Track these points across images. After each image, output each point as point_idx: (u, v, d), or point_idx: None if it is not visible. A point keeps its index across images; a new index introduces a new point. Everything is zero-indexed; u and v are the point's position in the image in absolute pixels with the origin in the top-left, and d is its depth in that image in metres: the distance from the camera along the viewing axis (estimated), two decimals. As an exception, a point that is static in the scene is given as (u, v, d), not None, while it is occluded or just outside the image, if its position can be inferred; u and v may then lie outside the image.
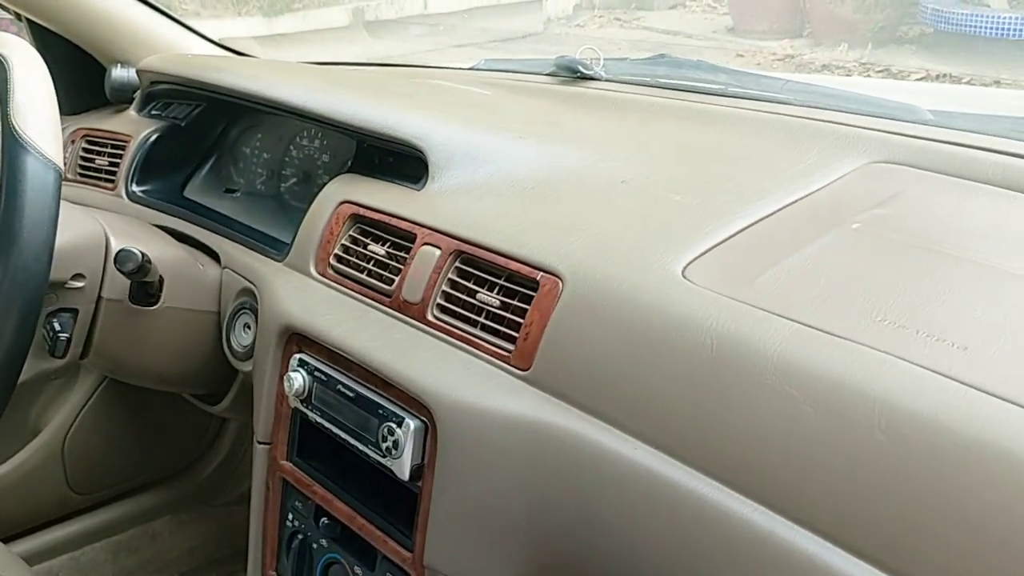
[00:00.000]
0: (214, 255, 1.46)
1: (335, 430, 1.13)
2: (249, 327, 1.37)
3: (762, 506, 0.79)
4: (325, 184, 1.36)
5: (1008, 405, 0.69)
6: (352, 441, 1.11)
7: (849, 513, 0.73)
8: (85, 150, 1.73)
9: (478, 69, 1.81)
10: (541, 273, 1.01)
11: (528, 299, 1.02)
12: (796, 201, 1.05)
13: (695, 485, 0.83)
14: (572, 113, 1.43)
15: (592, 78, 1.57)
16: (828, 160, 1.13)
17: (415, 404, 1.04)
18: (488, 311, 1.06)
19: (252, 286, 1.35)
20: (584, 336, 0.95)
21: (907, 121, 1.18)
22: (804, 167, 1.13)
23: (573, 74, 1.58)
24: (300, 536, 1.22)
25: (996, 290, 0.84)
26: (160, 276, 1.36)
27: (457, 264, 1.11)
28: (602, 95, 1.49)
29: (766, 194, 1.07)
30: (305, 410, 1.18)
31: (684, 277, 0.93)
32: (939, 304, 0.83)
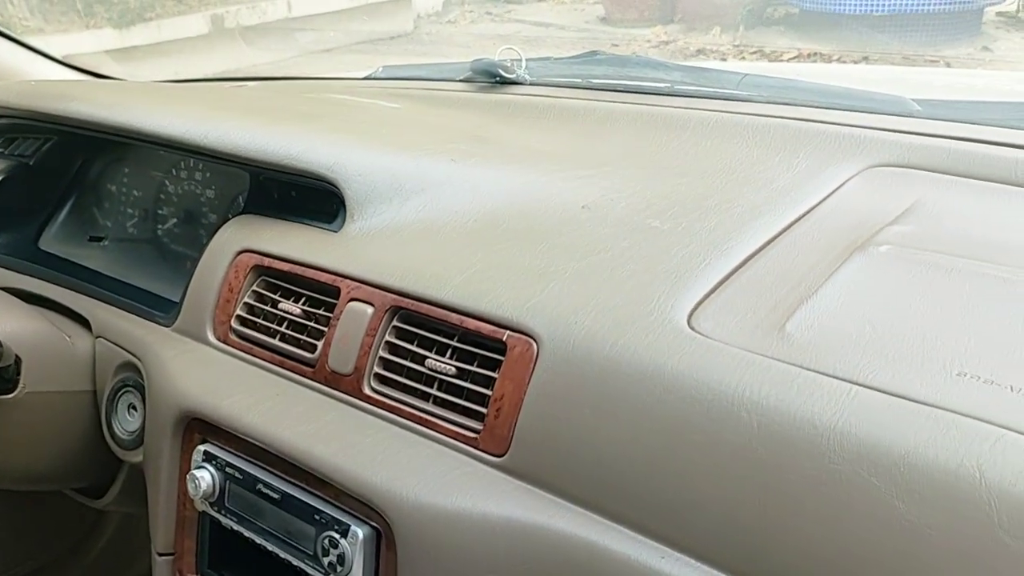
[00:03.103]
0: (83, 321, 1.20)
1: (259, 540, 0.91)
2: (135, 408, 1.13)
3: (846, 630, 0.61)
4: (212, 224, 1.13)
5: None
6: (283, 554, 0.89)
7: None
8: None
9: (376, 78, 1.59)
10: (508, 333, 0.82)
11: (494, 365, 0.82)
12: (800, 219, 0.89)
13: (750, 603, 0.65)
14: (503, 125, 1.23)
15: (515, 82, 1.37)
16: (820, 166, 0.98)
17: (362, 507, 0.83)
18: (442, 381, 0.86)
19: (135, 359, 1.10)
20: (573, 411, 0.76)
21: (896, 115, 1.04)
22: (794, 176, 0.97)
23: (492, 79, 1.38)
24: (222, 671, 0.99)
25: (1081, 322, 0.70)
26: (16, 356, 1.10)
27: (396, 323, 0.90)
28: (532, 102, 1.30)
29: (760, 212, 0.90)
30: (216, 515, 0.95)
31: (692, 328, 0.75)
32: (1022, 348, 0.67)
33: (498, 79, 1.38)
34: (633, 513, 0.71)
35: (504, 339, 0.82)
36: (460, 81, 1.42)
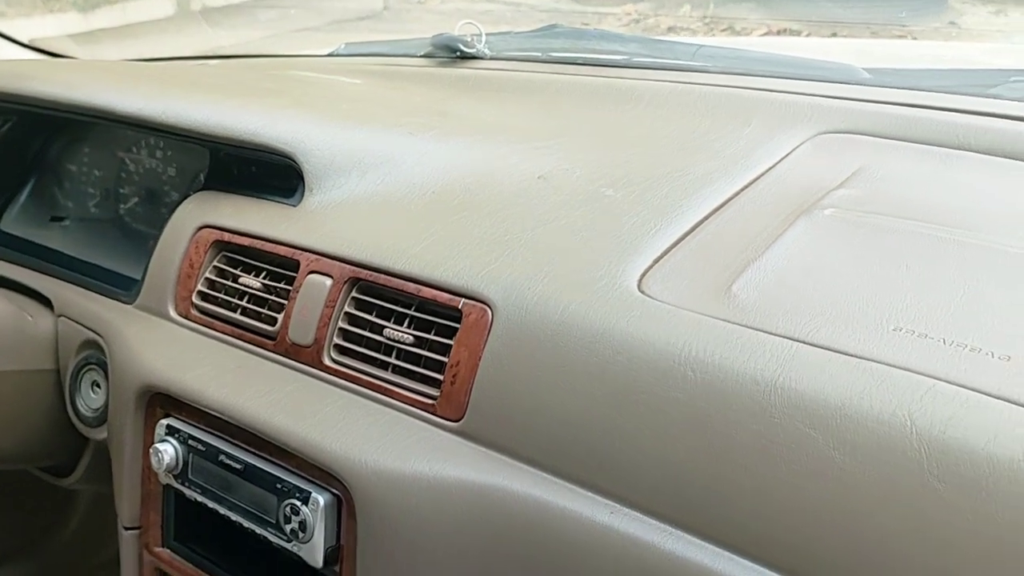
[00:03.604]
0: (45, 301, 1.20)
1: (223, 511, 0.92)
2: (99, 386, 1.13)
3: (786, 576, 0.63)
4: (174, 202, 1.13)
5: (1088, 431, 0.56)
6: (246, 523, 0.90)
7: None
8: None
9: (339, 55, 1.59)
10: (464, 300, 0.83)
11: (450, 332, 0.84)
12: (749, 185, 0.90)
13: (695, 555, 0.67)
14: (462, 99, 1.24)
15: (475, 57, 1.38)
16: (770, 134, 0.99)
17: (322, 474, 0.85)
18: (400, 349, 0.87)
19: (97, 337, 1.10)
20: (527, 375, 0.77)
21: (845, 83, 1.06)
22: (745, 144, 0.98)
23: (453, 54, 1.39)
24: (189, 640, 1.01)
25: (1013, 278, 0.72)
26: (-23, 335, 1.10)
27: (355, 294, 0.91)
28: (491, 76, 1.30)
29: (711, 180, 0.92)
30: (181, 487, 0.96)
31: (641, 292, 0.77)
32: (957, 302, 0.69)
33: (458, 54, 1.38)
34: (584, 472, 0.73)
35: (460, 307, 0.83)
36: (421, 57, 1.42)
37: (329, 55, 1.60)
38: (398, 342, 0.87)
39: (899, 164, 0.92)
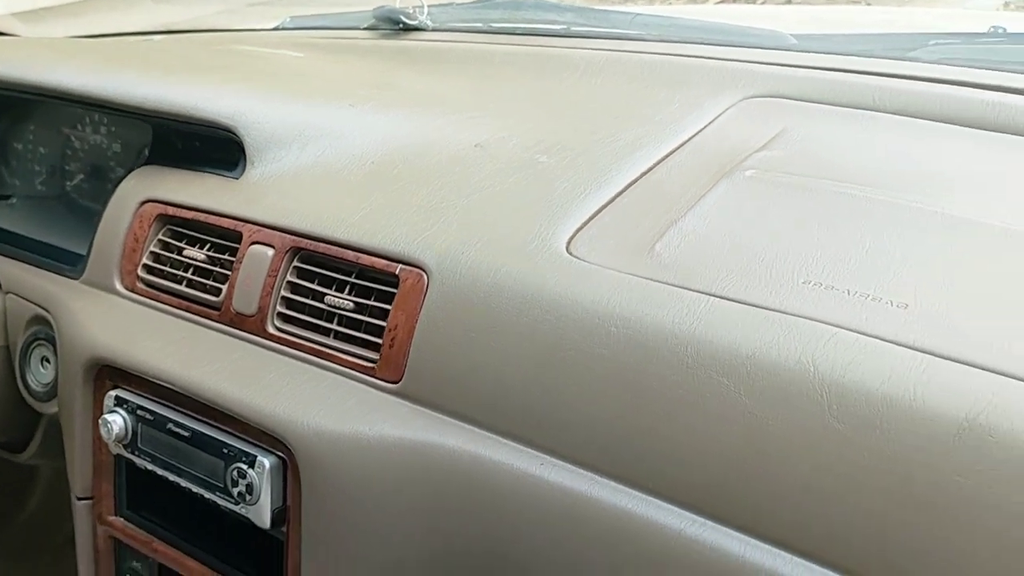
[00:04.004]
0: (-8, 278, 1.21)
1: (172, 477, 0.94)
2: (48, 361, 1.14)
3: (703, 517, 0.67)
4: (119, 178, 1.14)
5: (974, 371, 0.60)
6: (195, 489, 0.92)
7: (811, 519, 0.63)
8: None
9: (284, 28, 1.59)
10: (400, 266, 0.86)
11: (388, 298, 0.86)
12: (676, 149, 0.93)
13: (618, 500, 0.71)
14: (403, 71, 1.26)
15: (417, 28, 1.39)
16: (699, 99, 1.02)
17: (267, 438, 0.87)
18: (341, 316, 0.90)
19: (45, 312, 1.12)
20: (461, 336, 0.80)
21: (773, 49, 1.09)
22: (675, 109, 1.01)
23: (395, 26, 1.40)
24: (145, 604, 1.03)
25: (917, 232, 0.76)
26: (-76, 314, 1.10)
27: (296, 263, 0.93)
28: (433, 47, 1.32)
29: (640, 145, 0.95)
30: (131, 456, 0.98)
31: (570, 253, 0.80)
32: (863, 256, 0.73)
33: (401, 26, 1.40)
34: (515, 427, 0.76)
35: (397, 272, 0.86)
36: (364, 29, 1.44)
37: (275, 29, 1.60)
38: (339, 308, 0.89)
39: (819, 126, 0.95)
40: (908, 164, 0.87)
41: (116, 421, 0.97)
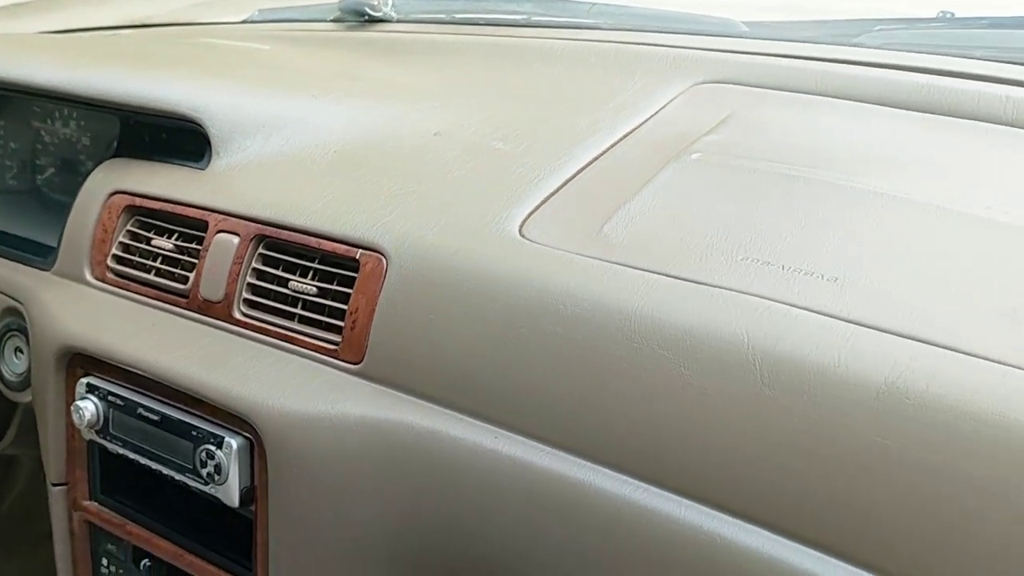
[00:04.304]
0: (-36, 271, 1.23)
1: (144, 461, 0.97)
2: (21, 351, 1.17)
3: (647, 484, 0.71)
4: (90, 171, 1.16)
5: (897, 339, 0.64)
6: (166, 471, 0.95)
7: (746, 481, 0.66)
8: None
9: (252, 22, 1.61)
10: (360, 251, 0.89)
11: (349, 282, 0.89)
12: (627, 135, 0.97)
13: (569, 470, 0.74)
14: (368, 62, 1.28)
15: (382, 20, 1.42)
16: (652, 86, 1.05)
17: (234, 420, 0.90)
18: (305, 300, 0.92)
19: (16, 303, 1.14)
20: (419, 317, 0.83)
21: (724, 36, 1.12)
22: (628, 96, 1.04)
23: (361, 17, 1.43)
24: (120, 584, 1.06)
25: (852, 211, 0.79)
26: None
27: (261, 251, 0.96)
28: (396, 38, 1.35)
29: (594, 130, 0.98)
30: (103, 442, 1.00)
31: (522, 236, 0.83)
32: (799, 233, 0.76)
33: (366, 17, 1.42)
34: (472, 403, 0.79)
35: (357, 257, 0.88)
36: (331, 21, 1.46)
37: (242, 22, 1.62)
38: (302, 293, 0.92)
39: (765, 111, 0.98)
40: (847, 146, 0.90)
41: (88, 407, 0.99)
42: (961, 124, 0.91)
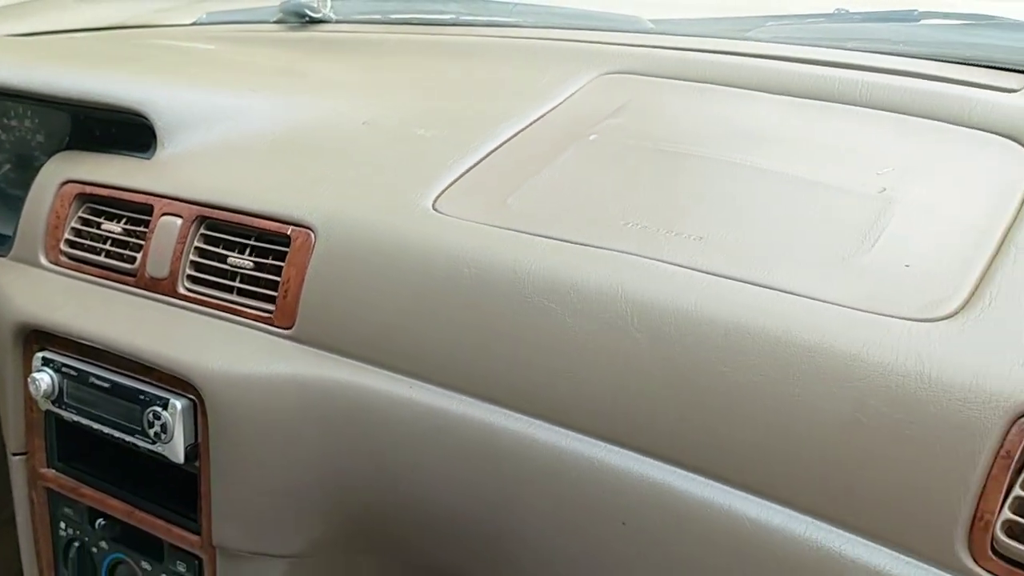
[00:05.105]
0: (-76, 261, 1.30)
1: (96, 426, 1.05)
2: (-19, 333, 1.24)
3: (542, 420, 0.80)
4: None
5: (745, 286, 0.74)
6: (117, 434, 1.03)
7: (621, 412, 0.76)
8: None
9: (201, 24, 1.69)
10: (292, 228, 0.97)
11: (282, 256, 0.98)
12: (536, 120, 1.06)
13: (476, 413, 0.83)
14: (306, 60, 1.37)
15: (322, 20, 1.51)
16: (563, 77, 1.15)
17: (179, 383, 0.98)
18: (242, 274, 1.01)
19: (-25, 288, 1.21)
20: (343, 285, 0.92)
21: (631, 31, 1.22)
22: (542, 86, 1.14)
23: (301, 19, 1.52)
24: (76, 544, 1.14)
25: (723, 181, 0.89)
26: None
27: (202, 231, 1.05)
28: (334, 38, 1.44)
29: (507, 117, 1.07)
30: (59, 411, 1.08)
31: (435, 210, 0.92)
32: (675, 201, 0.87)
33: (306, 18, 1.51)
34: (391, 359, 0.89)
35: (288, 233, 0.97)
36: (273, 23, 1.55)
37: (192, 24, 1.70)
38: (240, 268, 1.01)
39: (660, 97, 1.09)
40: (729, 127, 1.00)
41: (44, 379, 1.07)
42: (822, 106, 1.02)
